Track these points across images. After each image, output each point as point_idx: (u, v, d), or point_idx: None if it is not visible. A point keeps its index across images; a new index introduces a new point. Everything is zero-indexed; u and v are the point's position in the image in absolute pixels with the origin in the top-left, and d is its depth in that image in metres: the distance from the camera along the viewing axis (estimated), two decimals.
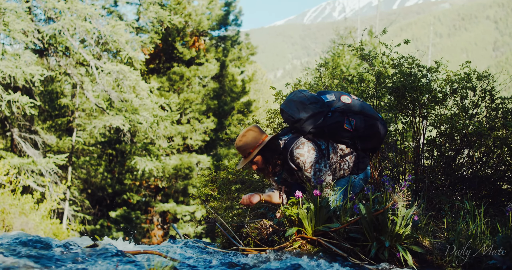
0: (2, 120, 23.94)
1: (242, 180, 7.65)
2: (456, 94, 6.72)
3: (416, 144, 6.83)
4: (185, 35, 30.47)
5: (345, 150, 5.18)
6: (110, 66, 21.45)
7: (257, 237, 4.94)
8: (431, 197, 6.14)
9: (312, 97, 5.14)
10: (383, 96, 7.10)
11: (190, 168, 28.43)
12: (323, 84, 7.97)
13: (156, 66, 30.96)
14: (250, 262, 3.98)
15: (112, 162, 31.55)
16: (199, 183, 8.52)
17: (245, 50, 34.84)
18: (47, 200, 18.09)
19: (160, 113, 23.75)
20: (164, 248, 5.27)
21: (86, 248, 4.04)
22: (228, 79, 31.89)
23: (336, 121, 5.06)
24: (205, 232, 27.19)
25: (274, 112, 7.82)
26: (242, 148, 5.17)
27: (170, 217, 29.55)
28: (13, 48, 22.31)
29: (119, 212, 28.40)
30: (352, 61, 29.89)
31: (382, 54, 7.26)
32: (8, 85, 21.24)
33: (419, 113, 6.76)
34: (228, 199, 7.73)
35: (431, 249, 4.22)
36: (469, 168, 6.72)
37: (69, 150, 27.80)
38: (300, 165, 4.98)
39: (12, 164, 20.90)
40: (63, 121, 28.87)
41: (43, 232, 16.13)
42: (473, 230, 4.23)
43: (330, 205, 4.55)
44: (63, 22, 20.27)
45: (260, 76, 53.40)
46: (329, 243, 4.22)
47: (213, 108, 30.24)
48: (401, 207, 4.06)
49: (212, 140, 30.57)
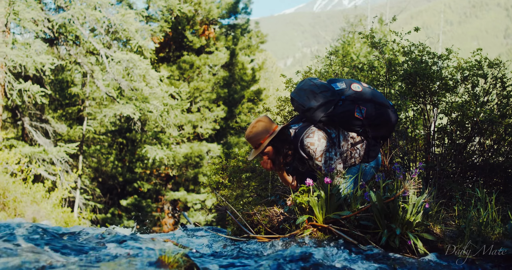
0: (13, 109, 24.04)
1: (253, 168, 7.66)
2: (467, 82, 6.69)
3: (427, 132, 6.81)
4: (194, 23, 30.43)
5: (356, 138, 5.15)
6: (120, 55, 21.47)
7: (267, 224, 4.94)
8: (442, 185, 6.12)
9: (322, 86, 5.12)
10: (394, 84, 7.08)
11: (200, 157, 28.48)
12: (334, 72, 7.94)
13: (166, 54, 30.96)
14: (260, 250, 3.99)
15: (122, 151, 31.64)
16: (210, 171, 8.53)
17: (255, 39, 34.78)
18: (58, 189, 18.18)
19: (170, 101, 23.77)
20: (175, 236, 5.29)
21: (98, 235, 4.06)
22: (238, 68, 31.86)
23: (346, 109, 5.03)
24: (216, 220, 27.26)
25: (285, 100, 7.81)
26: (252, 139, 5.15)
27: (181, 206, 29.64)
28: (23, 37, 22.37)
29: (130, 201, 28.52)
30: (362, 49, 29.81)
31: (393, 41, 7.23)
32: (19, 74, 21.31)
33: (430, 101, 6.73)
34: (239, 187, 7.74)
35: (442, 236, 4.21)
36: (480, 156, 6.69)
37: (80, 139, 27.90)
38: (310, 154, 4.96)
39: (23, 153, 21.00)
40: (74, 110, 28.96)
41: (55, 220, 16.21)
42: (484, 218, 4.21)
43: (341, 193, 4.54)
44: (73, 11, 20.29)
45: (270, 64, 53.35)
46: (340, 231, 4.22)
47: (223, 97, 30.24)
48: (412, 195, 4.05)
49: (222, 128, 30.59)
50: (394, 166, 4.43)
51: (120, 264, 2.83)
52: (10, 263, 2.58)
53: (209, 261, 3.43)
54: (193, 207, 28.80)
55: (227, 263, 3.40)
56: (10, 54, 18.24)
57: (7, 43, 18.86)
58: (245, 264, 3.40)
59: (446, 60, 6.82)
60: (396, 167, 4.37)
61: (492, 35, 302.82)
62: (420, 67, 6.44)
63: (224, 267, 3.28)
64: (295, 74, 8.57)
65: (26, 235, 3.79)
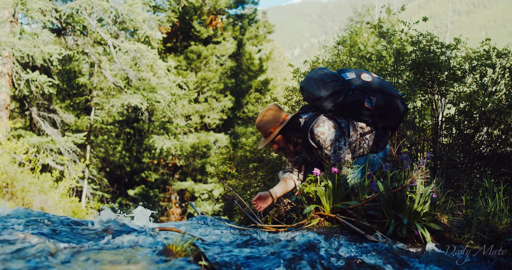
0: (21, 99, 24.11)
1: (260, 158, 7.66)
2: (475, 72, 6.66)
3: (434, 122, 6.79)
4: (202, 13, 30.40)
5: (365, 129, 5.14)
6: (127, 45, 21.47)
7: (275, 214, 4.95)
8: (450, 175, 6.12)
9: (332, 75, 5.11)
10: (402, 74, 7.06)
11: (207, 147, 28.51)
12: (341, 61, 7.93)
13: (173, 44, 30.94)
14: (268, 239, 3.99)
15: (130, 141, 31.70)
16: (217, 161, 8.54)
17: (262, 29, 34.74)
18: (66, 179, 18.24)
19: (177, 91, 23.78)
20: (183, 225, 5.31)
21: (106, 224, 4.08)
22: (246, 58, 31.83)
23: (356, 99, 5.02)
24: (223, 210, 27.31)
25: (292, 90, 7.80)
26: (262, 128, 5.15)
27: (188, 195, 29.71)
28: (31, 27, 22.39)
29: (137, 190, 28.59)
30: (370, 39, 29.74)
31: (401, 31, 7.21)
32: (27, 64, 21.36)
33: (437, 91, 6.71)
34: (246, 177, 7.75)
35: (449, 226, 4.21)
36: (488, 146, 6.68)
37: (88, 129, 27.96)
38: (320, 143, 4.96)
39: (31, 143, 21.08)
40: (81, 100, 29.01)
41: (63, 210, 16.26)
42: (491, 208, 4.21)
43: (348, 183, 4.54)
44: (81, 1, 20.28)
45: (278, 54, 53.28)
46: (347, 221, 4.23)
47: (230, 87, 30.24)
48: (420, 185, 4.04)
49: (230, 118, 30.60)
50: (402, 156, 4.43)
51: (127, 253, 2.84)
52: (18, 251, 2.60)
53: (217, 250, 3.44)
54: (200, 197, 28.87)
55: (234, 252, 3.41)
56: (18, 45, 18.26)
57: (14, 33, 18.88)
58: (252, 253, 3.41)
59: (454, 50, 6.80)
60: (404, 157, 4.36)
61: (500, 25, 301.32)
62: (428, 56, 6.42)
63: (231, 257, 3.29)
64: (302, 64, 8.56)
65: (33, 223, 3.81)
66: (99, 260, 2.60)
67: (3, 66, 19.39)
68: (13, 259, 2.48)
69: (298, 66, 8.04)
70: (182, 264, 2.54)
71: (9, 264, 2.39)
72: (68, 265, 2.46)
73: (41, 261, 2.50)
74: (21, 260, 2.48)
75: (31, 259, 2.50)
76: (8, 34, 18.54)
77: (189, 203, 28.33)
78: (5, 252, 2.59)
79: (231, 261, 3.11)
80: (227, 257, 3.23)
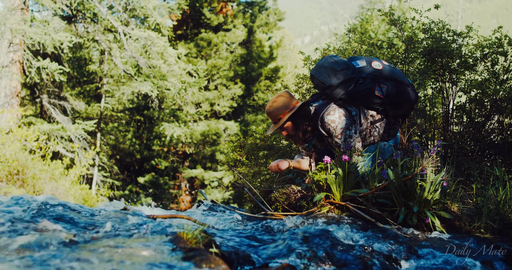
0: (32, 87, 24.17)
1: (270, 145, 7.66)
2: (486, 60, 6.63)
3: (445, 110, 6.78)
4: (212, 1, 30.33)
5: (376, 117, 5.14)
6: (138, 32, 21.46)
7: (285, 202, 4.96)
8: (460, 163, 6.11)
9: (343, 63, 5.10)
10: (413, 62, 7.04)
11: (217, 134, 28.53)
12: (352, 49, 7.91)
13: (184, 32, 30.91)
14: (278, 227, 4.01)
15: (140, 128, 31.75)
16: (227, 149, 8.56)
17: (273, 16, 34.62)
18: (76, 166, 18.28)
19: (188, 79, 23.75)
20: (193, 213, 5.33)
21: (117, 212, 4.10)
22: (256, 45, 31.75)
23: (367, 87, 5.01)
24: (233, 198, 27.37)
25: (303, 77, 7.79)
26: (272, 114, 5.16)
27: (198, 183, 29.76)
28: (41, 15, 22.40)
29: (147, 178, 28.67)
30: (380, 26, 29.63)
31: (412, 19, 7.18)
32: (37, 52, 21.39)
33: (449, 79, 6.69)
34: (256, 165, 7.75)
35: (459, 215, 4.21)
36: (499, 134, 6.66)
37: (98, 117, 28.00)
38: (330, 131, 4.96)
39: (41, 130, 21.14)
40: (92, 88, 29.06)
41: (73, 197, 16.33)
42: (502, 196, 4.20)
43: (359, 171, 4.55)
44: None
45: (288, 42, 53.11)
46: (357, 209, 4.23)
47: (240, 74, 30.19)
48: (430, 173, 4.05)
49: (240, 106, 30.58)
50: (412, 144, 4.43)
51: (139, 241, 2.86)
52: (31, 238, 2.62)
53: (227, 237, 3.46)
54: (210, 185, 28.92)
55: (245, 240, 3.43)
56: (29, 32, 18.29)
57: (25, 20, 18.91)
58: (262, 241, 3.42)
59: (466, 38, 6.77)
60: (414, 145, 4.36)
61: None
62: (440, 44, 6.39)
63: (242, 244, 3.31)
64: (313, 52, 8.54)
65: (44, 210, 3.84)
66: (113, 246, 2.62)
67: (14, 54, 19.43)
68: (34, 247, 2.51)
69: (308, 53, 8.02)
70: (193, 251, 2.56)
71: (29, 252, 2.42)
72: (85, 251, 2.49)
73: (59, 247, 2.52)
74: (41, 248, 2.51)
75: (49, 246, 2.53)
76: (19, 22, 18.57)
77: (199, 191, 28.38)
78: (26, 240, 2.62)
79: (241, 248, 3.13)
80: (237, 245, 3.25)
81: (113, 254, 2.44)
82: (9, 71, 18.92)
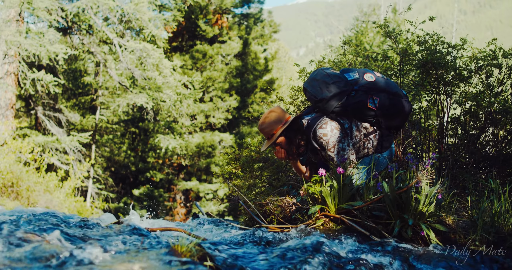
0: (27, 99, 24.18)
1: (265, 158, 7.66)
2: (481, 72, 6.65)
3: (440, 122, 6.78)
4: (208, 12, 30.43)
5: (369, 129, 5.13)
6: (133, 44, 21.49)
7: (280, 215, 4.95)
8: (455, 175, 6.11)
9: (335, 76, 5.10)
10: (408, 74, 7.05)
11: (212, 146, 28.54)
12: (347, 61, 7.92)
13: (179, 44, 30.98)
14: (273, 240, 3.99)
15: (135, 140, 31.76)
16: (222, 161, 8.57)
17: (268, 28, 34.75)
18: (71, 178, 18.26)
19: (183, 91, 23.79)
20: (188, 225, 5.32)
21: (111, 225, 4.09)
22: (251, 57, 31.84)
23: (359, 100, 5.01)
24: (228, 211, 27.34)
25: (298, 89, 7.80)
26: (265, 130, 5.15)
27: (193, 195, 29.75)
28: (37, 26, 22.47)
29: (142, 190, 28.64)
30: (375, 38, 29.74)
31: (407, 31, 7.20)
32: (33, 64, 21.42)
33: (443, 91, 6.71)
34: (251, 177, 7.75)
35: (454, 227, 4.21)
36: (493, 146, 6.66)
37: (93, 128, 28.01)
38: (323, 145, 4.95)
39: (36, 142, 21.13)
40: (87, 100, 29.08)
41: (67, 209, 16.30)
42: (497, 209, 4.20)
43: (354, 183, 4.54)
44: (87, 0, 20.32)
45: (283, 54, 53.27)
46: (352, 221, 4.23)
47: (235, 86, 30.26)
48: (425, 185, 4.04)
49: (235, 118, 30.63)
50: (407, 157, 4.42)
51: (133, 253, 2.85)
52: (24, 252, 2.61)
53: (222, 250, 3.45)
54: (205, 197, 28.90)
55: (239, 253, 3.41)
56: (24, 44, 18.30)
57: (21, 32, 18.92)
58: (257, 254, 3.41)
59: (460, 50, 6.79)
60: (409, 157, 4.36)
61: (507, 25, 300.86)
62: (434, 56, 6.41)
63: (236, 257, 3.29)
64: (308, 64, 8.56)
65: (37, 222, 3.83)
66: (108, 259, 2.61)
67: (9, 65, 19.45)
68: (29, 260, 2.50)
69: (303, 65, 8.03)
70: (187, 265, 2.54)
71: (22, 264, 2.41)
72: (79, 264, 2.47)
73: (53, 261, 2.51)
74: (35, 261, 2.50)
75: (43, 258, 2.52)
76: (14, 33, 18.58)
77: (194, 203, 28.34)
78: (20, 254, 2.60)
79: (236, 262, 3.11)
80: (232, 258, 3.24)
81: (108, 267, 2.43)
82: (4, 83, 18.93)
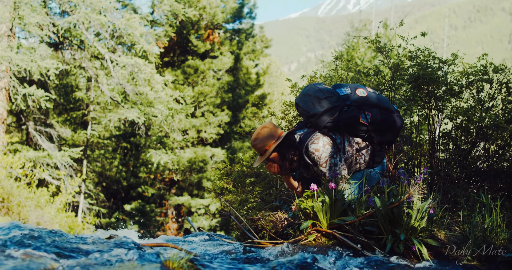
0: (18, 114, 24.13)
1: (257, 173, 7.65)
2: (472, 87, 6.68)
3: (431, 137, 6.80)
4: (199, 28, 30.50)
5: (361, 144, 5.13)
6: (125, 59, 21.51)
7: (272, 230, 4.94)
8: (447, 190, 6.12)
9: (327, 91, 5.11)
10: (399, 89, 7.08)
11: (204, 161, 28.51)
12: (339, 76, 7.95)
13: (171, 59, 31.01)
14: (265, 255, 3.98)
15: (127, 155, 31.69)
16: (214, 176, 8.55)
17: (260, 43, 34.83)
18: (62, 193, 18.20)
19: (174, 106, 23.81)
20: (179, 241, 5.29)
21: (103, 240, 4.07)
22: (243, 72, 31.90)
23: (351, 115, 5.01)
24: (220, 226, 27.28)
25: (290, 104, 7.81)
26: (258, 146, 5.13)
27: (185, 210, 29.66)
28: (28, 41, 22.46)
29: (134, 205, 28.55)
30: (366, 54, 29.84)
31: (398, 46, 7.23)
32: (24, 79, 21.39)
33: (435, 106, 6.73)
34: (243, 192, 7.73)
35: (446, 242, 4.21)
36: (485, 161, 6.68)
37: (84, 144, 27.94)
38: (315, 160, 4.94)
39: (27, 158, 21.07)
40: (78, 115, 29.03)
41: (59, 225, 16.23)
42: (489, 223, 4.20)
43: (346, 198, 4.54)
44: (78, 16, 20.35)
45: (275, 69, 53.35)
46: (344, 236, 4.22)
47: (227, 101, 30.29)
48: (417, 200, 4.04)
49: (227, 133, 30.62)
50: (399, 171, 4.42)
51: (125, 269, 2.83)
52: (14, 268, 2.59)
53: (213, 266, 3.43)
54: (197, 212, 28.81)
55: (231, 269, 3.40)
56: (15, 59, 18.29)
57: (12, 47, 18.92)
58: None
59: (451, 65, 6.82)
60: (401, 172, 4.36)
61: (497, 40, 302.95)
62: (426, 71, 6.44)
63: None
64: (300, 79, 8.57)
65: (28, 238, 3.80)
66: None
67: (0, 81, 19.41)
68: None
69: (295, 80, 8.05)
70: None
71: None
72: None
73: None
74: None
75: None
76: (6, 48, 18.57)
77: (185, 218, 28.26)
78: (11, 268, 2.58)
79: None
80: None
81: None
82: None
